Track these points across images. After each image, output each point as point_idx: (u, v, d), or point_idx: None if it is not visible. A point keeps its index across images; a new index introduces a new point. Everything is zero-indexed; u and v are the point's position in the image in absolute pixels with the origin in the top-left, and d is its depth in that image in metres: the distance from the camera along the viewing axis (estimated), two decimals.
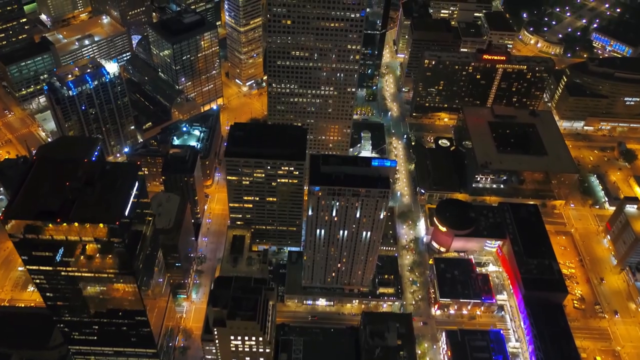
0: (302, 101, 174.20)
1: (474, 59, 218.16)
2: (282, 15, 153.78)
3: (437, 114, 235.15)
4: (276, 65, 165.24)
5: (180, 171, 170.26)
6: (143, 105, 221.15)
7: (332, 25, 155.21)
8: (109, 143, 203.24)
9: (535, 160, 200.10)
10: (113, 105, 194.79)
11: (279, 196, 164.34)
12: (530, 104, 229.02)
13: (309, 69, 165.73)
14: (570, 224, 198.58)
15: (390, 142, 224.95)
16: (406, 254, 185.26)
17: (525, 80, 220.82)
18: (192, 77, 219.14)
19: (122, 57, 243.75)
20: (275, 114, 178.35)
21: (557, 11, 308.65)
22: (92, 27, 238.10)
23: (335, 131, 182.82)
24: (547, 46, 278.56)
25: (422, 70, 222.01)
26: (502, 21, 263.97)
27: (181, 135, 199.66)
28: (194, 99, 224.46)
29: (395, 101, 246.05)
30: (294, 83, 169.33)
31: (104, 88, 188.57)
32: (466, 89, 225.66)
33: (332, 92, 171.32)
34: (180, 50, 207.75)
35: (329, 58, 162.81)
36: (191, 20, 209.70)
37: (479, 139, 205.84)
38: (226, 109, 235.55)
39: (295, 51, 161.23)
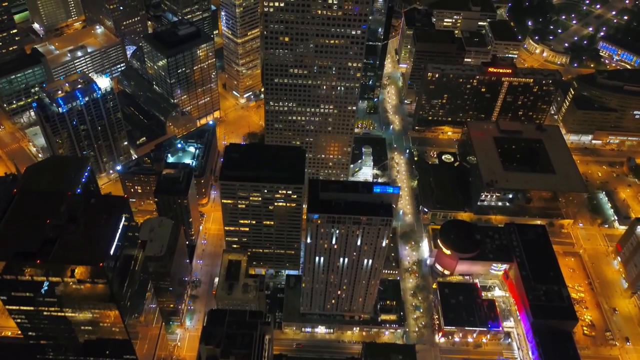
0: (300, 119, 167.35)
1: (479, 72, 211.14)
2: (279, 32, 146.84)
3: (441, 127, 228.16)
4: (273, 83, 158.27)
5: (173, 193, 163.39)
6: (137, 119, 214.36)
7: (332, 42, 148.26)
8: (101, 160, 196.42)
9: (542, 179, 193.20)
10: (105, 122, 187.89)
11: (276, 220, 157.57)
12: (537, 117, 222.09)
13: (307, 87, 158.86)
14: (579, 245, 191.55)
15: (392, 157, 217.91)
16: (409, 277, 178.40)
17: (531, 93, 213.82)
18: (187, 90, 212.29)
19: (116, 68, 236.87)
20: (273, 131, 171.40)
21: (563, 19, 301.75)
22: (85, 38, 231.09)
23: (335, 149, 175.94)
24: (553, 55, 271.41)
25: (425, 84, 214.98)
26: (506, 30, 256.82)
27: (176, 152, 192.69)
28: (189, 112, 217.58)
29: (397, 114, 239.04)
30: (292, 101, 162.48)
31: (95, 104, 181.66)
32: (470, 103, 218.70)
33: (332, 110, 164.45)
34: (175, 63, 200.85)
35: (328, 75, 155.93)
36: (186, 32, 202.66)
37: (484, 155, 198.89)
38: (223, 122, 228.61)
39: (293, 69, 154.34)
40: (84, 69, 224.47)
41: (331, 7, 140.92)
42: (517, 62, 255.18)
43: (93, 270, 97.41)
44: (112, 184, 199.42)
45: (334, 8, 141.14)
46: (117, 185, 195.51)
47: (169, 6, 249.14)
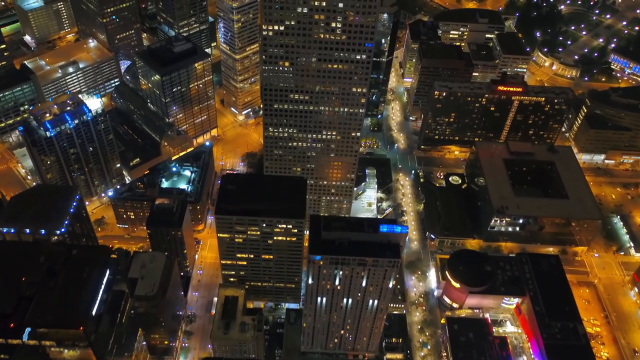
0: (301, 145, 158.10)
1: (488, 90, 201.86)
2: (278, 57, 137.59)
3: (447, 146, 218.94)
4: (273, 109, 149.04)
5: (167, 224, 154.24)
6: (131, 138, 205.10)
7: (335, 67, 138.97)
8: (92, 183, 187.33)
9: (555, 205, 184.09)
10: (96, 144, 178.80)
11: (275, 253, 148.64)
12: (548, 136, 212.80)
13: (309, 112, 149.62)
14: (594, 274, 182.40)
15: (397, 179, 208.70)
16: (415, 311, 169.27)
17: (542, 112, 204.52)
18: (183, 108, 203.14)
19: (110, 83, 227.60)
20: (273, 158, 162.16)
21: (572, 29, 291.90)
22: (77, 52, 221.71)
23: (338, 176, 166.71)
24: (562, 69, 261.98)
25: (431, 102, 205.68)
26: (515, 44, 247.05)
27: (170, 176, 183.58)
28: (185, 131, 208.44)
29: (402, 131, 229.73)
30: (293, 127, 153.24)
31: (85, 127, 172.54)
32: (479, 121, 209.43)
33: (335, 137, 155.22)
34: (170, 82, 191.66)
35: (331, 101, 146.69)
36: (182, 49, 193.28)
37: (494, 179, 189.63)
38: (221, 141, 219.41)
39: (293, 94, 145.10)
40: (75, 86, 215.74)
41: (334, 31, 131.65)
42: (526, 75, 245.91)
43: (73, 334, 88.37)
44: (104, 208, 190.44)
45: (338, 32, 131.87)
46: (109, 210, 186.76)
47: (165, 18, 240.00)
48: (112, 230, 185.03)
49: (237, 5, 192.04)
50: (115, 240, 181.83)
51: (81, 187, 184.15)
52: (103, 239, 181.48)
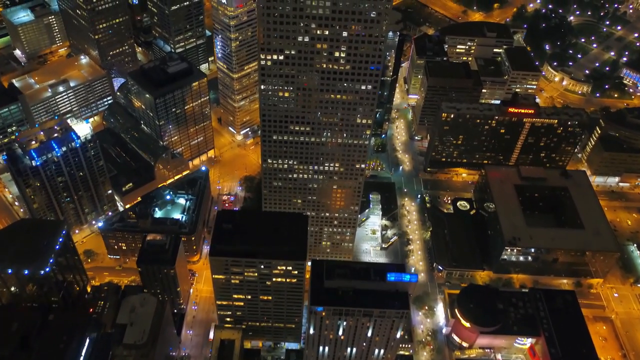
0: (302, 177, 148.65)
1: (498, 112, 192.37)
2: (278, 87, 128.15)
3: (455, 169, 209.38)
4: (272, 140, 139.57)
5: (158, 262, 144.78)
6: (123, 161, 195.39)
7: (339, 98, 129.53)
8: (81, 211, 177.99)
9: (569, 235, 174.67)
10: (86, 172, 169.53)
11: (274, 295, 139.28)
12: (560, 159, 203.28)
13: (310, 144, 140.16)
14: (610, 308, 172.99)
15: (403, 204, 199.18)
16: (423, 350, 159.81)
17: (555, 134, 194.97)
18: (178, 130, 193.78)
19: (103, 102, 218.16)
20: (272, 189, 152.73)
21: (582, 42, 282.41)
22: (68, 70, 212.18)
23: (341, 208, 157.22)
24: (573, 84, 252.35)
25: (438, 124, 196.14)
26: (524, 59, 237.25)
27: (164, 204, 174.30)
28: (181, 153, 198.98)
29: (407, 152, 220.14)
30: (293, 158, 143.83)
31: (74, 154, 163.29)
32: (488, 144, 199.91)
33: (338, 169, 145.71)
34: (163, 104, 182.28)
35: (334, 133, 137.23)
36: (177, 69, 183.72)
37: (504, 206, 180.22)
38: (218, 163, 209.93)
39: (294, 125, 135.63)
40: (66, 105, 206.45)
41: (338, 60, 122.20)
42: (536, 92, 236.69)
43: None
44: (95, 237, 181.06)
45: (341, 62, 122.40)
46: (100, 239, 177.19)
47: (160, 33, 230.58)
48: (102, 261, 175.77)
49: (235, 23, 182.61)
50: (106, 273, 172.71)
51: (70, 216, 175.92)
52: (93, 270, 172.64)
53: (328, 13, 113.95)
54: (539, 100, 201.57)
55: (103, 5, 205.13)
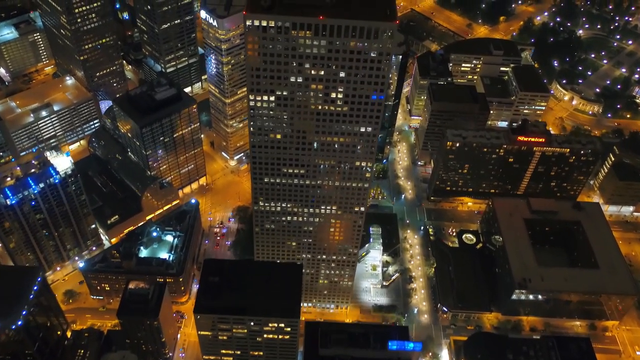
0: (297, 220, 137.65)
1: (507, 140, 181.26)
2: (269, 129, 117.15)
3: (460, 198, 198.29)
4: (263, 182, 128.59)
5: (141, 313, 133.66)
6: (109, 190, 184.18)
7: (336, 140, 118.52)
8: (63, 248, 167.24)
9: (583, 276, 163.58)
10: (67, 207, 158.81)
11: (266, 350, 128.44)
12: (572, 189, 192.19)
13: (305, 187, 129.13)
14: (627, 353, 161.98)
15: (405, 236, 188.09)
16: None
17: (567, 164, 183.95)
18: (167, 159, 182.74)
19: (89, 125, 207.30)
20: (264, 232, 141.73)
21: (592, 57, 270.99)
22: (53, 92, 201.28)
23: (338, 251, 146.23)
24: (583, 104, 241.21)
25: (443, 152, 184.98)
26: (533, 78, 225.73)
27: (150, 242, 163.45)
28: (170, 182, 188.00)
29: (409, 178, 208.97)
30: (287, 201, 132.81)
31: (53, 190, 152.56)
32: (495, 173, 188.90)
33: (336, 212, 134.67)
34: (150, 133, 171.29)
35: (331, 175, 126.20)
36: (165, 96, 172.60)
37: (513, 242, 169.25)
38: (210, 192, 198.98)
39: (287, 168, 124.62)
40: (49, 131, 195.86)
41: (334, 102, 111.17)
42: (544, 112, 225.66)
43: None
44: (77, 274, 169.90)
45: (338, 103, 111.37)
46: (82, 277, 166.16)
47: (150, 52, 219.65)
48: (85, 302, 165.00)
49: (227, 47, 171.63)
50: (88, 315, 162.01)
51: (50, 253, 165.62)
52: (74, 312, 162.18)
53: (323, 52, 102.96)
54: (550, 129, 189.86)
55: (88, 25, 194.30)
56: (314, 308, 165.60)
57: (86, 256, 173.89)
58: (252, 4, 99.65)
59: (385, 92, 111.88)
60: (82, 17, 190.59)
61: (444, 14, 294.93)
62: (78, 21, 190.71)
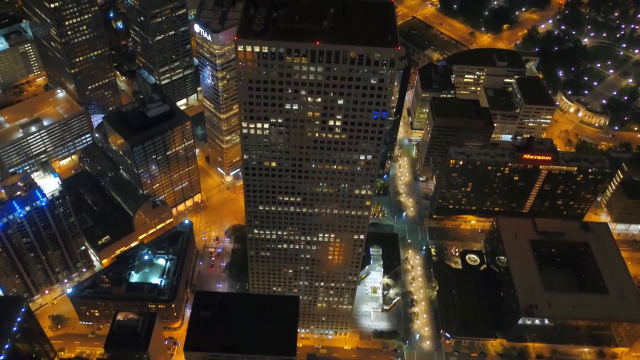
0: (293, 247, 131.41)
1: (512, 159, 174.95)
2: (263, 157, 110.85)
3: (463, 216, 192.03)
4: (258, 211, 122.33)
5: (129, 347, 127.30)
6: (100, 209, 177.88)
7: (334, 169, 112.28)
8: (51, 271, 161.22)
9: (592, 302, 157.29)
10: (54, 230, 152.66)
11: None
12: (579, 207, 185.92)
13: (302, 215, 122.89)
14: None
15: (406, 257, 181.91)
16: None
17: (574, 182, 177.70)
18: (160, 177, 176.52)
19: (80, 140, 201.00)
20: (259, 259, 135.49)
21: (598, 67, 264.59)
22: (43, 106, 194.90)
23: (337, 278, 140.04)
24: (589, 116, 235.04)
25: (446, 170, 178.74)
26: (538, 90, 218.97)
27: (142, 266, 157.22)
28: (164, 200, 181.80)
29: (411, 195, 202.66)
30: (283, 229, 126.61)
31: (39, 213, 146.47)
32: (500, 191, 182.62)
33: (334, 239, 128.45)
34: (142, 152, 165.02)
35: (330, 203, 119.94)
36: (157, 113, 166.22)
37: (519, 265, 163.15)
38: (205, 209, 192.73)
39: (282, 196, 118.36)
40: (39, 146, 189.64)
41: (332, 130, 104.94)
42: (550, 125, 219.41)
43: None
44: (66, 298, 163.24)
45: (337, 131, 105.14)
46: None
47: (144, 64, 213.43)
48: (74, 328, 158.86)
49: (222, 62, 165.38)
50: (77, 342, 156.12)
51: (38, 277, 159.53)
52: (63, 338, 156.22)
53: (320, 79, 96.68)
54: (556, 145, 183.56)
55: (79, 38, 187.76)
56: (312, 334, 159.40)
57: (76, 278, 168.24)
58: (243, 29, 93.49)
59: (388, 112, 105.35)
60: (72, 30, 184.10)
61: (446, 21, 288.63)
62: (68, 34, 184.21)
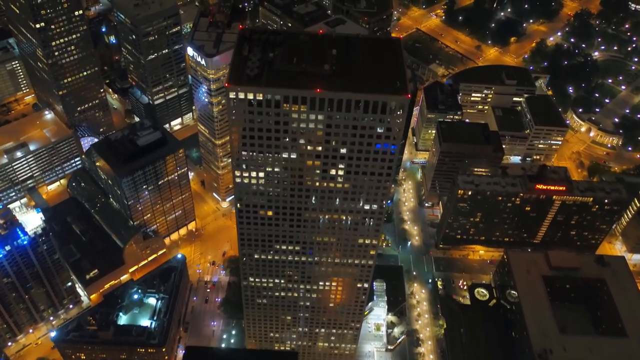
0: (292, 295, 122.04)
1: (524, 189, 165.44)
2: (258, 205, 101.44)
3: (471, 246, 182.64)
4: (253, 258, 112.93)
5: None
6: (89, 239, 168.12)
7: (336, 218, 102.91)
8: (35, 310, 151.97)
9: (610, 346, 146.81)
10: (38, 268, 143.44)
11: None
12: (593, 237, 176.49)
13: (300, 264, 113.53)
14: None
15: (412, 291, 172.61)
16: None
17: (589, 213, 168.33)
18: (151, 207, 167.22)
19: (70, 164, 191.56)
20: (254, 306, 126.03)
21: (610, 83, 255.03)
22: (30, 129, 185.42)
23: (338, 326, 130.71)
24: (601, 136, 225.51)
25: (454, 200, 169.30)
26: (548, 110, 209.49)
27: (130, 307, 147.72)
28: (156, 231, 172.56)
29: (416, 222, 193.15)
30: (280, 277, 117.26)
31: (21, 252, 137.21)
32: (511, 221, 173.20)
33: (336, 287, 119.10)
34: (132, 182, 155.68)
35: (331, 252, 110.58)
36: (148, 141, 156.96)
37: (531, 304, 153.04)
38: (199, 238, 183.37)
39: (280, 245, 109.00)
40: (26, 171, 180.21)
41: (334, 179, 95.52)
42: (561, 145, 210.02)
43: None
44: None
45: (339, 180, 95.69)
46: None
47: (137, 82, 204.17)
48: None
49: (217, 87, 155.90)
50: None
51: (21, 316, 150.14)
52: None
53: (321, 128, 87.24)
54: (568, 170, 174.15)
55: (67, 58, 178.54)
56: None
57: (62, 315, 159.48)
58: (235, 73, 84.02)
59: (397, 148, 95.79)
60: (60, 50, 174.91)
61: (452, 33, 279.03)
62: (56, 54, 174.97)
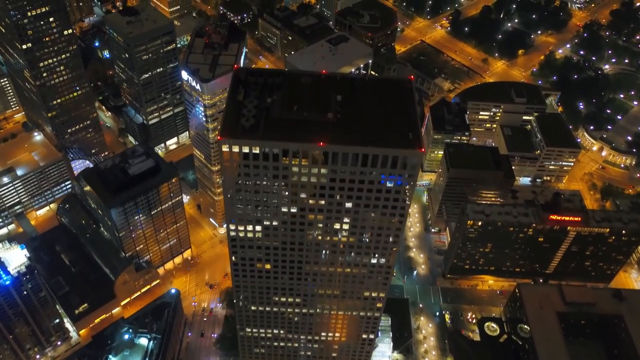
0: (292, 346, 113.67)
1: (537, 219, 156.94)
2: (255, 258, 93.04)
3: (480, 276, 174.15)
4: (250, 310, 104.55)
5: None
6: (79, 270, 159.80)
7: (340, 271, 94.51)
8: (21, 350, 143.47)
9: None
10: (22, 308, 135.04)
11: None
12: (608, 268, 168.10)
13: (301, 315, 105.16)
14: None
15: (418, 325, 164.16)
16: None
17: (605, 244, 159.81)
18: (144, 238, 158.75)
19: (60, 188, 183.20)
20: (252, 356, 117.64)
21: (621, 98, 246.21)
22: (17, 152, 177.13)
23: None
24: (614, 155, 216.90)
25: (462, 230, 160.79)
26: (559, 130, 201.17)
27: (121, 347, 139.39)
28: (149, 261, 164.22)
29: (421, 249, 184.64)
30: (279, 328, 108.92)
31: (3, 294, 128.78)
32: (522, 252, 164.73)
33: (339, 339, 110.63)
34: (124, 213, 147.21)
35: (334, 305, 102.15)
36: (140, 170, 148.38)
37: (544, 341, 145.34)
38: (195, 267, 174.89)
39: (279, 297, 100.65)
40: (13, 197, 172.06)
41: (337, 233, 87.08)
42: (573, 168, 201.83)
43: None
44: None
45: (343, 234, 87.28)
46: None
47: (130, 101, 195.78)
48: None
49: (212, 112, 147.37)
50: None
51: (6, 357, 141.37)
52: None
53: (324, 182, 78.81)
54: (585, 205, 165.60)
55: (56, 79, 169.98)
56: None
57: (50, 353, 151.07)
58: (229, 124, 75.78)
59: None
60: (48, 71, 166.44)
61: (457, 45, 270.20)
62: (44, 75, 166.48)
